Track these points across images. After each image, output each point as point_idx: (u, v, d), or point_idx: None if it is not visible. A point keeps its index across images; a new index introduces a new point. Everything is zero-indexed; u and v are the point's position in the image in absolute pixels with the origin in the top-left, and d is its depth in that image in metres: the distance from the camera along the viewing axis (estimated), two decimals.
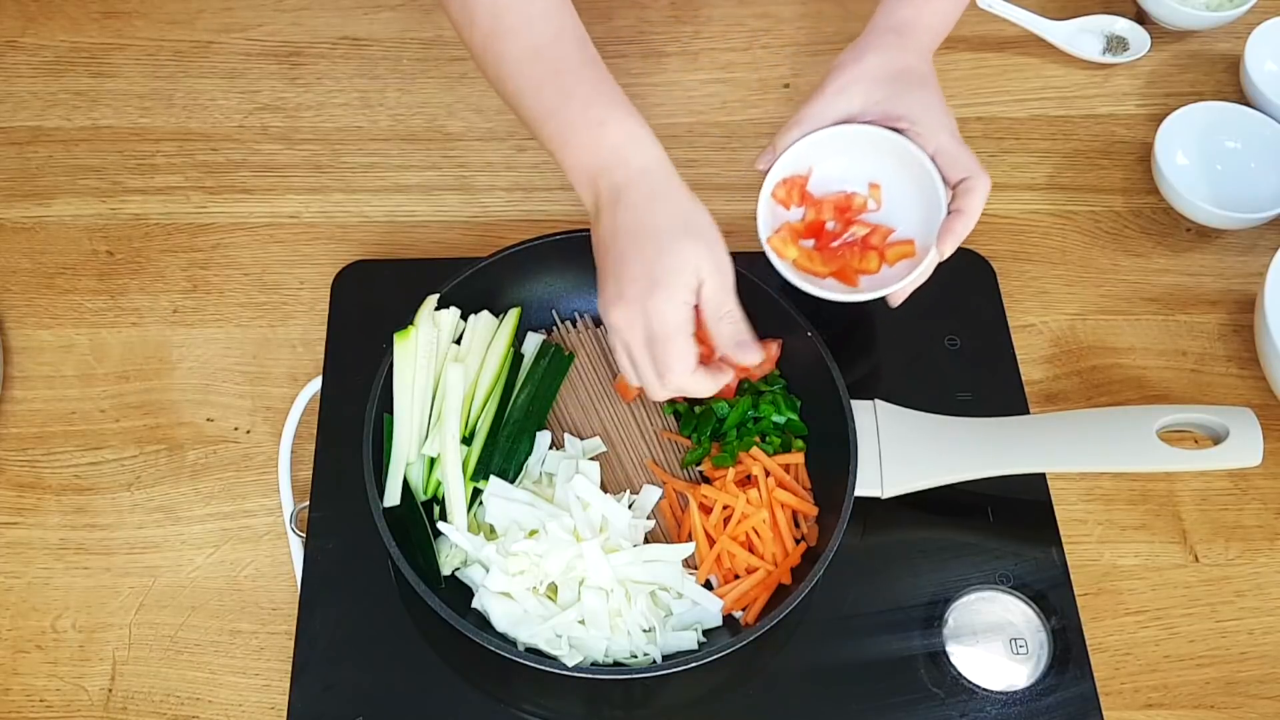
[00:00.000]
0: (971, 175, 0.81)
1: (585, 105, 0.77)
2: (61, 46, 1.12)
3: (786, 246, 0.86)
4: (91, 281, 0.98)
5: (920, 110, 0.83)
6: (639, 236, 0.75)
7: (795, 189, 0.87)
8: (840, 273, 0.86)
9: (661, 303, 0.74)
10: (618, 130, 0.77)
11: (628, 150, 0.76)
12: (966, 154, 0.82)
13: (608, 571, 0.77)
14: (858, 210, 0.88)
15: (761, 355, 0.78)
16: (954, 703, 0.79)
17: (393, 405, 0.83)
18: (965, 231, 0.81)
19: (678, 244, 0.74)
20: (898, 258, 0.86)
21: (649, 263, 0.74)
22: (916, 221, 0.85)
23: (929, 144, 0.82)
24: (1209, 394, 0.94)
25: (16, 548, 0.86)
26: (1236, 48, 1.12)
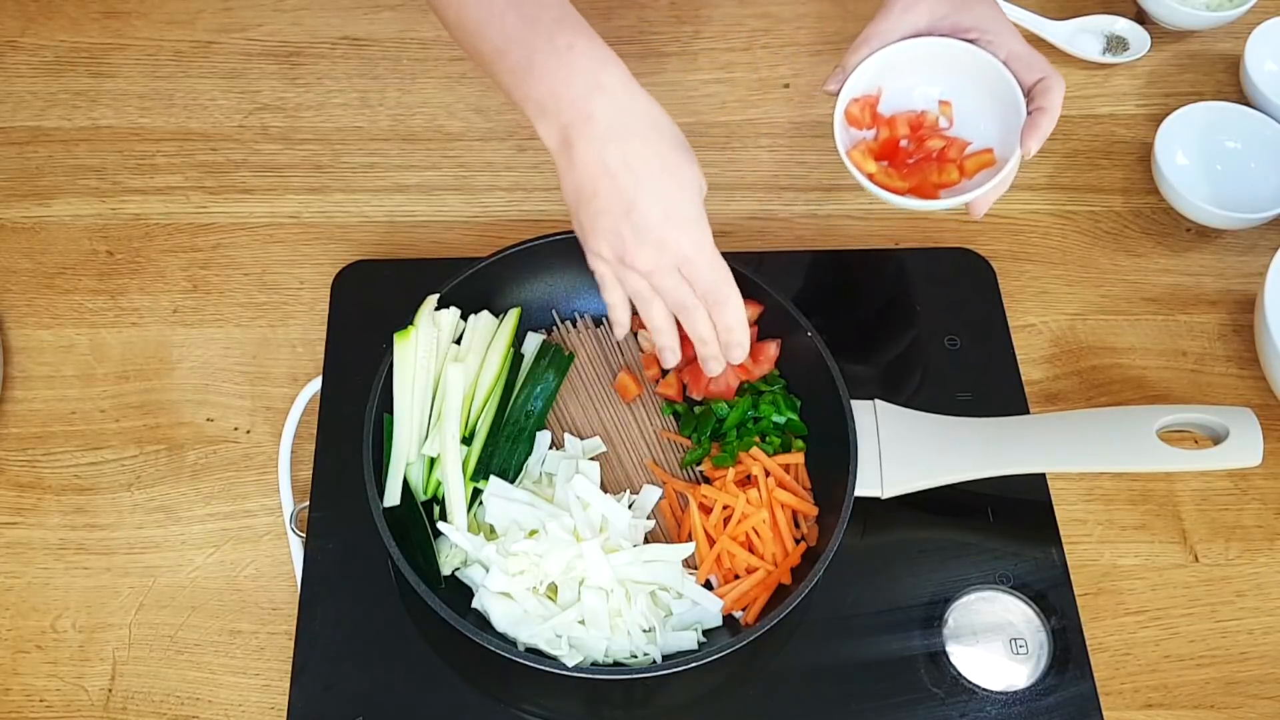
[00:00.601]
0: (1047, 75, 0.81)
1: (551, 31, 0.73)
2: (61, 46, 1.12)
3: (866, 160, 0.84)
4: (91, 281, 0.98)
5: (988, 20, 0.83)
6: (641, 164, 0.72)
7: (867, 109, 0.86)
8: (919, 188, 0.85)
9: (693, 226, 0.72)
10: (587, 53, 0.73)
11: (602, 74, 0.73)
12: (1039, 56, 0.82)
13: (608, 571, 0.77)
14: (931, 127, 0.87)
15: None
16: (954, 703, 0.79)
17: (393, 405, 0.83)
18: (1049, 128, 0.80)
19: (682, 165, 0.73)
20: (977, 168, 0.85)
21: (663, 188, 0.72)
22: (995, 131, 0.84)
23: (1000, 50, 0.82)
24: (1209, 394, 0.94)
25: (16, 548, 0.86)
26: (1236, 48, 1.12)
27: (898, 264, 0.99)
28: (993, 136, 0.85)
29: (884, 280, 0.98)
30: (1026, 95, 0.82)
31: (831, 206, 1.04)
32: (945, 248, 1.00)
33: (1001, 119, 0.83)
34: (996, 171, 0.83)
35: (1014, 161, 0.81)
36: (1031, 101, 0.82)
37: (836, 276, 0.99)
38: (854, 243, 1.01)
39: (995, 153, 0.84)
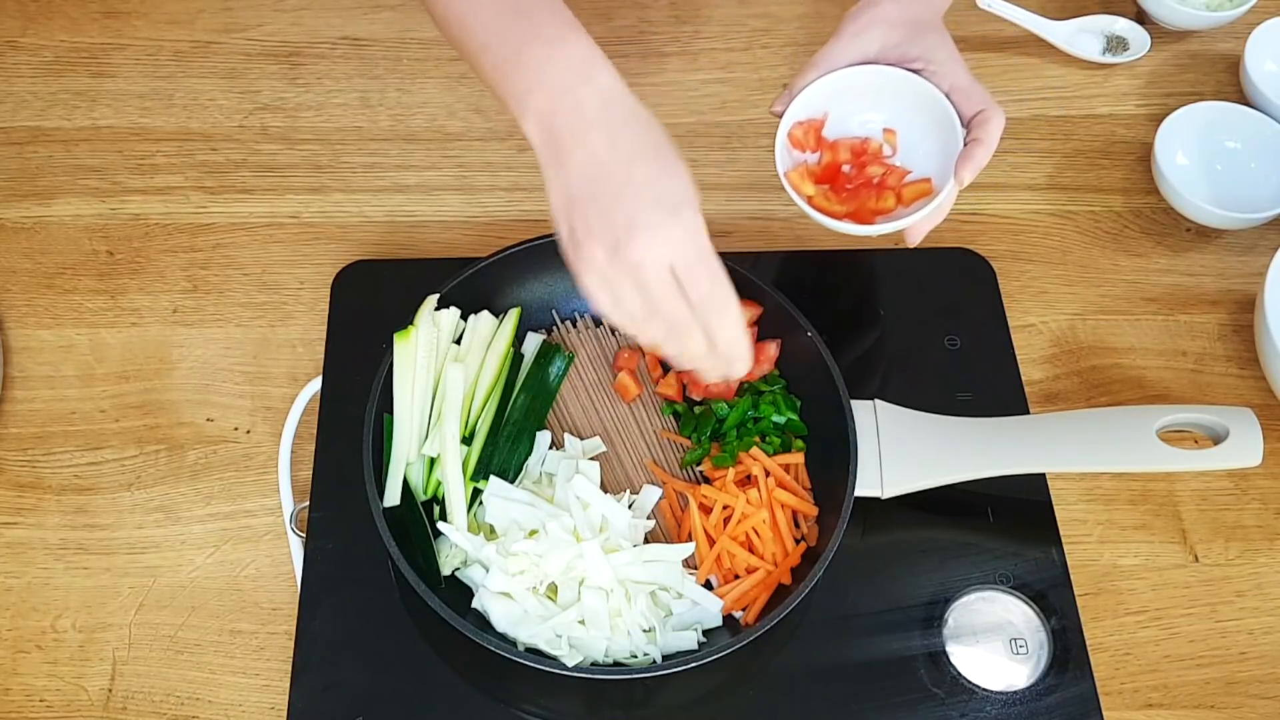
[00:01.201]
0: (987, 107, 0.82)
1: (541, 24, 0.71)
2: (61, 46, 1.12)
3: (804, 183, 0.85)
4: (91, 281, 0.98)
5: (935, 50, 0.83)
6: (640, 156, 0.69)
7: (811, 133, 0.86)
8: (856, 213, 0.85)
9: (688, 214, 0.68)
10: (577, 48, 0.71)
11: (591, 69, 0.70)
12: (980, 89, 0.83)
13: (608, 571, 0.77)
14: (874, 154, 0.87)
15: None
16: (954, 703, 0.79)
17: (393, 405, 0.83)
18: (983, 160, 0.81)
19: (674, 159, 0.70)
20: (914, 196, 0.85)
21: (656, 173, 0.69)
22: (935, 162, 0.85)
23: (944, 81, 0.83)
24: (1209, 394, 0.94)
25: (16, 548, 0.86)
26: (1236, 48, 1.12)
27: (898, 264, 0.99)
28: (932, 166, 0.85)
29: (884, 280, 0.98)
30: (966, 126, 0.82)
31: None
32: (945, 248, 1.00)
33: (941, 149, 0.84)
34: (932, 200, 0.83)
35: (948, 191, 0.81)
36: (969, 133, 0.82)
37: (836, 277, 0.99)
38: (854, 243, 1.00)
39: (933, 182, 0.84)
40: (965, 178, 0.80)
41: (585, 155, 0.69)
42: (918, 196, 0.85)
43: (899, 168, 0.86)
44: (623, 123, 0.70)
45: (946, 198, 0.82)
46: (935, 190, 0.84)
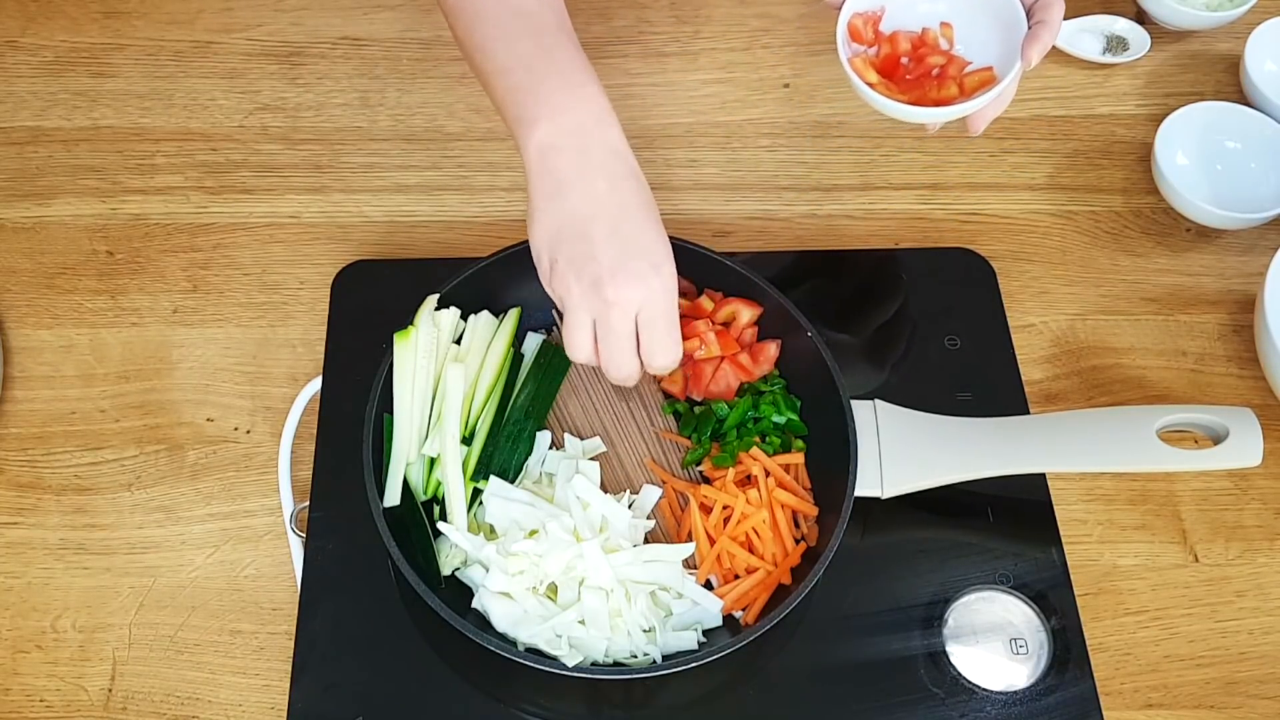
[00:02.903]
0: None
1: (566, 68, 0.76)
2: (61, 46, 1.12)
3: (866, 70, 0.85)
4: (91, 281, 0.98)
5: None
6: (634, 210, 0.75)
7: (870, 24, 0.86)
8: (918, 101, 0.84)
9: (669, 278, 0.75)
10: (596, 100, 0.76)
11: (604, 120, 0.76)
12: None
13: (608, 571, 0.77)
14: (932, 45, 0.87)
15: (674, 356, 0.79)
16: (954, 703, 0.79)
17: (393, 405, 0.83)
18: (1050, 41, 0.80)
19: (661, 224, 0.76)
20: (976, 86, 0.84)
21: (649, 238, 0.75)
22: (995, 50, 0.84)
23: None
24: (1209, 394, 0.94)
25: (16, 548, 0.86)
26: (1236, 48, 1.12)
27: (898, 264, 0.99)
28: (992, 56, 0.85)
29: (884, 280, 0.98)
30: (1027, 11, 0.82)
31: (831, 206, 1.04)
32: (945, 248, 1.00)
33: (1002, 38, 0.84)
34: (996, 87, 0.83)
35: (1013, 74, 0.81)
36: (1032, 17, 0.82)
37: (836, 276, 0.99)
38: (854, 243, 1.01)
39: (995, 70, 0.84)
40: (1034, 58, 0.80)
41: (584, 195, 0.75)
42: (980, 85, 0.84)
43: (959, 58, 0.86)
44: (623, 176, 0.75)
45: (1010, 82, 0.81)
46: (998, 79, 0.83)
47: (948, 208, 1.04)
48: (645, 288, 0.74)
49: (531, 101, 0.76)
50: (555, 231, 0.76)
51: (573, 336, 0.77)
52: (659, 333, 0.76)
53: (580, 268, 0.74)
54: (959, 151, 1.08)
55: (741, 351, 0.88)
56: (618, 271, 0.74)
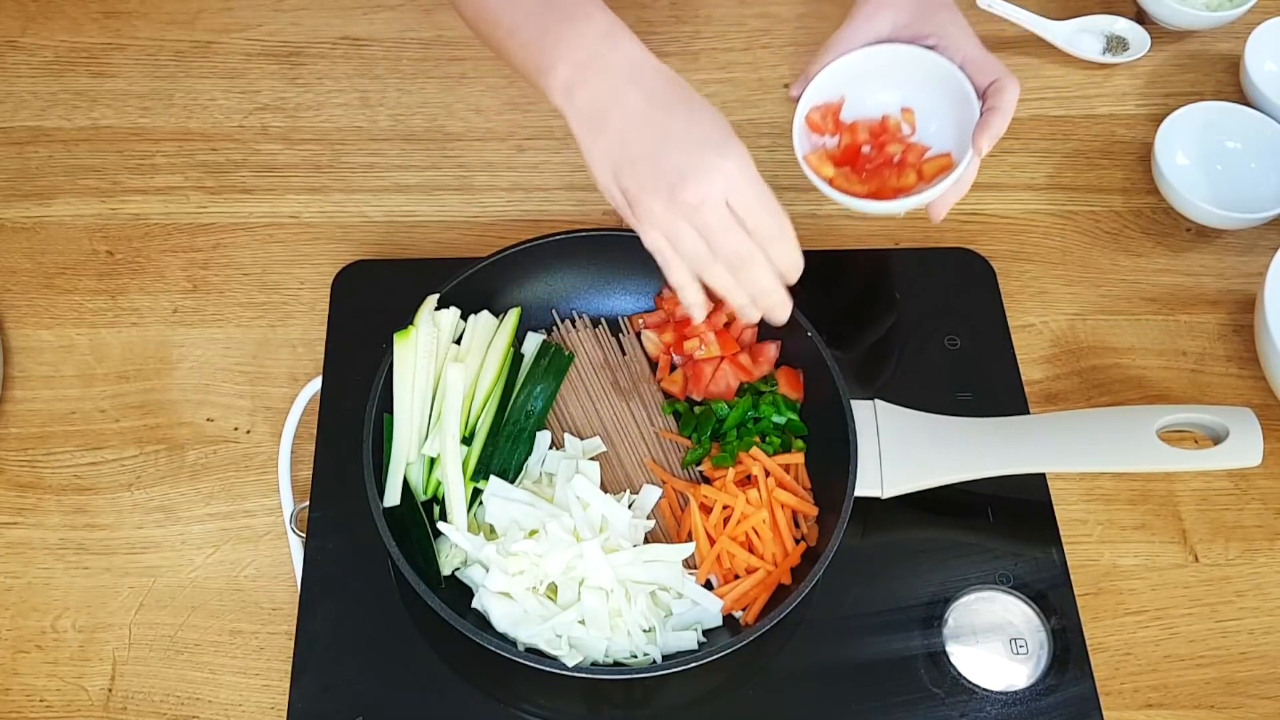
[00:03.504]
0: (1000, 76, 0.82)
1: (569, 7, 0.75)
2: (61, 46, 1.12)
3: (823, 165, 0.85)
4: (91, 281, 0.98)
5: (947, 26, 0.84)
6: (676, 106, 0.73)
7: (829, 116, 0.87)
8: (878, 192, 0.85)
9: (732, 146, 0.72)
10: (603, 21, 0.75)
11: (618, 36, 0.75)
12: (993, 60, 0.83)
13: (608, 571, 0.77)
14: (892, 133, 0.88)
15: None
16: (954, 703, 0.79)
17: (393, 405, 0.83)
18: (1001, 128, 0.81)
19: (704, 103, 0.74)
20: (935, 172, 0.85)
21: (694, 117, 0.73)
22: (953, 136, 0.85)
23: (956, 55, 0.84)
24: (1209, 394, 0.94)
25: (16, 548, 0.86)
26: (1236, 48, 1.12)
27: (897, 264, 0.99)
28: (951, 141, 0.86)
29: (884, 281, 0.98)
30: (981, 97, 0.83)
31: (831, 206, 1.03)
32: (945, 248, 1.00)
33: (959, 123, 0.84)
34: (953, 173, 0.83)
35: (968, 162, 0.82)
36: (985, 102, 0.83)
37: (836, 277, 0.99)
38: (854, 243, 1.01)
39: (953, 156, 0.85)
40: (984, 146, 0.81)
41: (623, 115, 0.73)
42: (939, 172, 0.85)
43: (918, 145, 0.87)
44: (653, 80, 0.74)
45: (967, 170, 0.82)
46: (956, 164, 0.84)
47: None
48: (720, 174, 0.71)
49: (544, 49, 0.74)
50: (614, 165, 0.73)
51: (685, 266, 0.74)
52: (760, 213, 0.72)
53: (652, 186, 0.72)
54: None
55: (741, 351, 0.88)
56: (687, 173, 0.71)
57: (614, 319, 0.93)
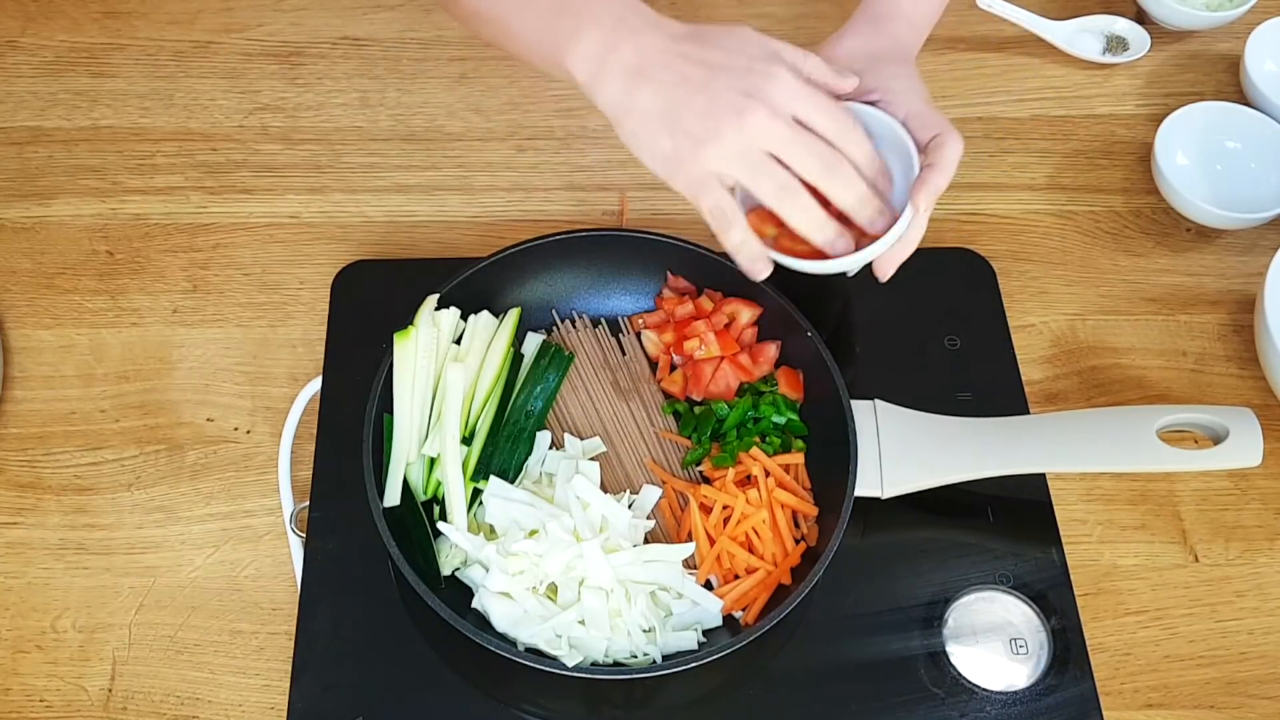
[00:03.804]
0: (942, 132, 0.78)
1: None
2: (61, 46, 1.12)
3: (764, 225, 0.80)
4: (91, 281, 0.98)
5: (891, 81, 0.80)
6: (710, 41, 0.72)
7: None
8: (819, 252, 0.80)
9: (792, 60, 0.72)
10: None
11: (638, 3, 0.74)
12: (937, 115, 0.79)
13: (608, 571, 0.77)
14: None
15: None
16: (954, 703, 0.79)
17: (393, 405, 0.83)
18: (938, 184, 0.76)
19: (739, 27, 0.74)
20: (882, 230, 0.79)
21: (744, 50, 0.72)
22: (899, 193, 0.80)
23: (899, 110, 0.79)
24: (1209, 394, 0.94)
25: (16, 548, 0.86)
26: (1236, 48, 1.12)
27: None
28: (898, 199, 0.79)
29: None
30: (922, 152, 0.78)
31: None
32: (945, 248, 1.00)
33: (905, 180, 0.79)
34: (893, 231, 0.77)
35: (906, 218, 0.76)
36: (925, 158, 0.77)
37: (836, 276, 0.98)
38: None
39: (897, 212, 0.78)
40: (921, 204, 0.75)
41: (665, 61, 0.71)
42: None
43: None
44: (680, 29, 0.73)
45: (910, 229, 0.77)
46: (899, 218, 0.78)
47: (948, 208, 1.04)
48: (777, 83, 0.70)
49: (565, 18, 0.73)
50: (666, 112, 0.71)
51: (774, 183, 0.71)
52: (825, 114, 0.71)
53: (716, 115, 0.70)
54: None
55: (741, 351, 0.88)
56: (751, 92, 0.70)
57: (614, 319, 0.93)
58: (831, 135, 0.72)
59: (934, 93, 1.09)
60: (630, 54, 0.72)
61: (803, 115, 0.71)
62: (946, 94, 1.11)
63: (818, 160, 0.71)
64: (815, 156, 0.71)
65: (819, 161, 0.71)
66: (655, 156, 0.73)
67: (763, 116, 0.70)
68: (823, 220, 0.73)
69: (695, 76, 0.71)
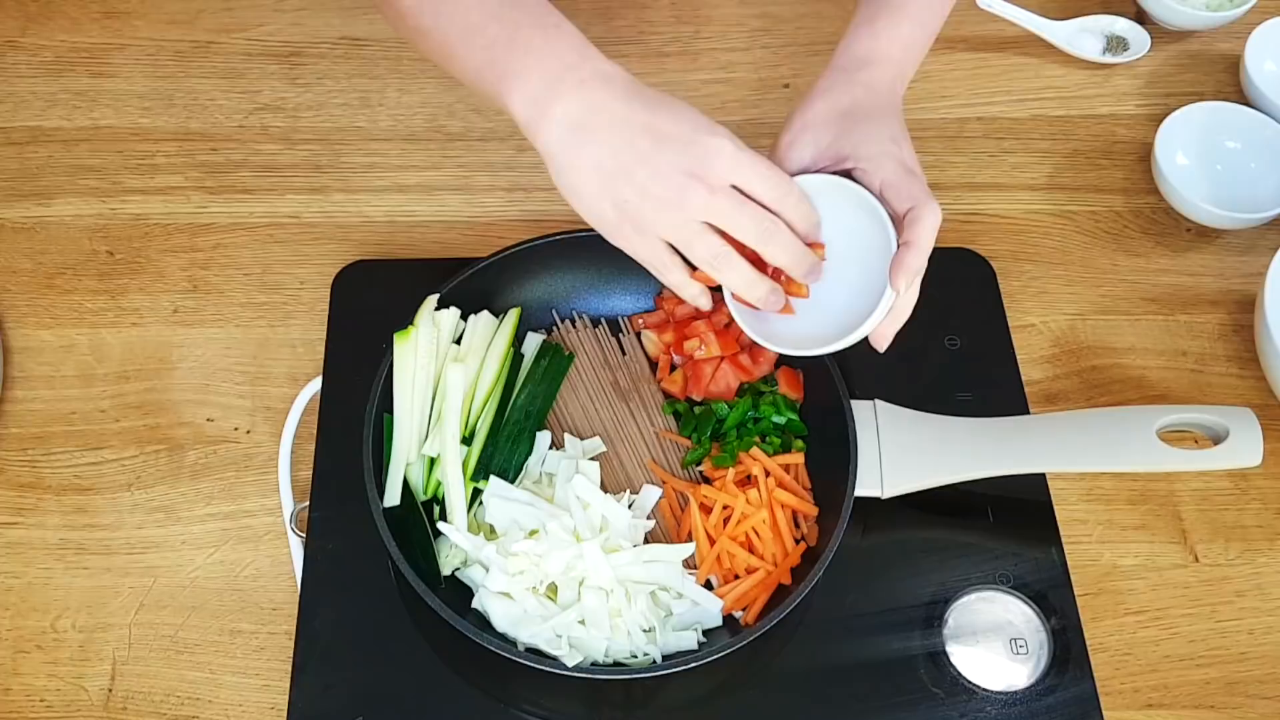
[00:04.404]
0: (917, 204, 0.74)
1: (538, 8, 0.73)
2: (61, 46, 1.12)
3: None
4: (91, 281, 0.98)
5: (863, 144, 0.76)
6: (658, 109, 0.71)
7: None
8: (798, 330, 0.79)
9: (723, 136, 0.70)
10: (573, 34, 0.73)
11: (587, 50, 0.72)
12: (913, 183, 0.75)
13: (608, 571, 0.77)
14: None
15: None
16: (954, 703, 0.79)
17: (393, 405, 0.83)
18: (915, 264, 0.73)
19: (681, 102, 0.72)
20: None
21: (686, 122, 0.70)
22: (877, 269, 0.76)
23: (874, 180, 0.75)
24: (1209, 394, 0.94)
25: (16, 548, 0.86)
26: (1236, 48, 1.12)
27: None
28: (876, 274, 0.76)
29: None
30: (898, 226, 0.75)
31: None
32: (945, 247, 0.99)
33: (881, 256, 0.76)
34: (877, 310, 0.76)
35: (887, 301, 0.74)
36: (901, 234, 0.74)
37: None
38: None
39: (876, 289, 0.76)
40: (900, 285, 0.73)
41: (609, 123, 0.70)
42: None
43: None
44: (627, 88, 0.72)
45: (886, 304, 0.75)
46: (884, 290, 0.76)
47: (948, 208, 1.03)
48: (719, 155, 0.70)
49: (513, 56, 0.72)
50: (605, 177, 0.71)
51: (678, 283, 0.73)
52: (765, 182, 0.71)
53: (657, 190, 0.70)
54: (959, 152, 1.08)
55: (741, 352, 0.88)
56: (691, 167, 0.69)
57: (614, 319, 0.93)
58: (769, 201, 0.72)
59: (934, 93, 1.11)
60: (576, 107, 0.71)
61: (742, 184, 0.71)
62: (946, 94, 1.11)
63: (754, 227, 0.72)
64: (752, 223, 0.72)
65: (755, 228, 0.72)
66: (593, 215, 0.73)
67: (703, 194, 0.70)
68: (754, 280, 0.74)
69: (640, 146, 0.70)
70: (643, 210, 0.71)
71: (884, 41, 0.82)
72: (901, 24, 0.82)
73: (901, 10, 0.83)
